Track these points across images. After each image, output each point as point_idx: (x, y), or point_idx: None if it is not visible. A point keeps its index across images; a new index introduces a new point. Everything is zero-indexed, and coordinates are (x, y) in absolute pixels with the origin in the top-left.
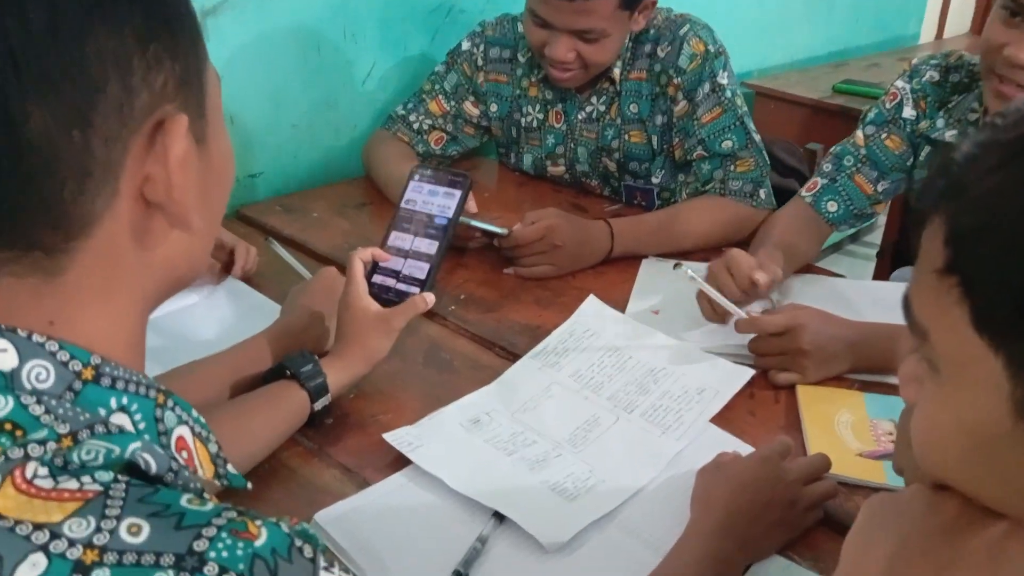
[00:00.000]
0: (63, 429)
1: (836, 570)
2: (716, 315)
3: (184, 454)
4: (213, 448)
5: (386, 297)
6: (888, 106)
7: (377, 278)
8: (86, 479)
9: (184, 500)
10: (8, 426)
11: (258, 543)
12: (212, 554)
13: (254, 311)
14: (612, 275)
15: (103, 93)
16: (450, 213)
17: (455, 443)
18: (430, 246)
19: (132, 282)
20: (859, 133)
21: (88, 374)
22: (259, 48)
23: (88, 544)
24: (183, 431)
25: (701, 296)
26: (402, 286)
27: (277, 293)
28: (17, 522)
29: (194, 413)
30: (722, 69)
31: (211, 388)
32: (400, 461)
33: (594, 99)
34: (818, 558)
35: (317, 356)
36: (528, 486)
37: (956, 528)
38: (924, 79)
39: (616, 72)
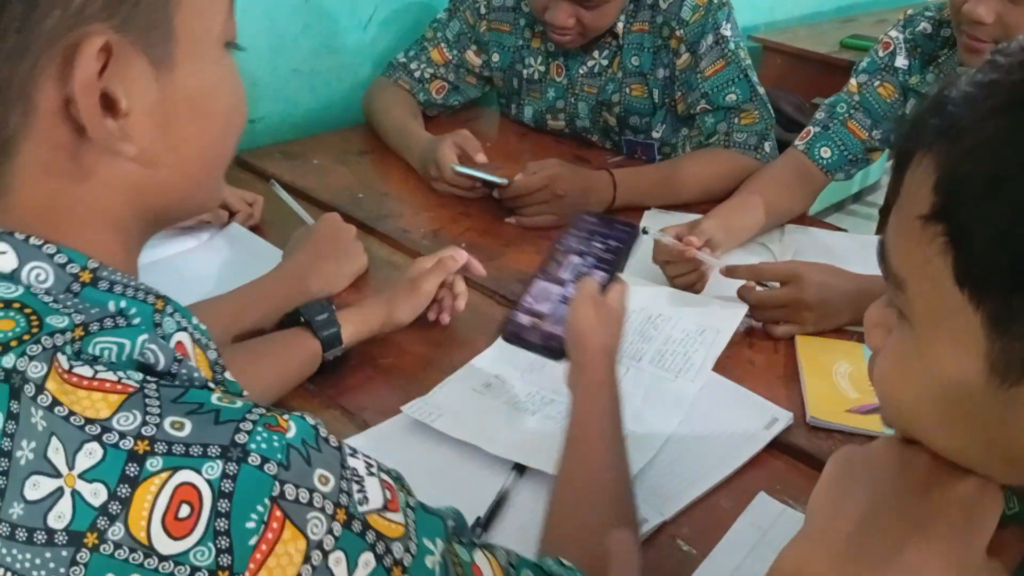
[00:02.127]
0: (78, 319)
1: (803, 526)
2: (682, 280)
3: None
4: (212, 355)
5: (530, 340)
6: (882, 54)
7: (523, 318)
8: (120, 373)
9: (215, 398)
10: (17, 305)
11: (289, 435)
12: (252, 446)
13: (256, 257)
14: None
15: (5, 10)
16: (612, 265)
17: (475, 407)
18: None
19: (90, 206)
20: (852, 81)
21: (86, 276)
22: None
23: (138, 436)
24: (182, 336)
25: (667, 264)
26: (548, 329)
27: (279, 239)
28: (71, 412)
29: (194, 320)
30: (725, 20)
31: (212, 330)
32: (396, 409)
33: (596, 53)
34: None
35: (332, 304)
36: (559, 442)
37: (928, 484)
38: (918, 29)
39: (619, 26)
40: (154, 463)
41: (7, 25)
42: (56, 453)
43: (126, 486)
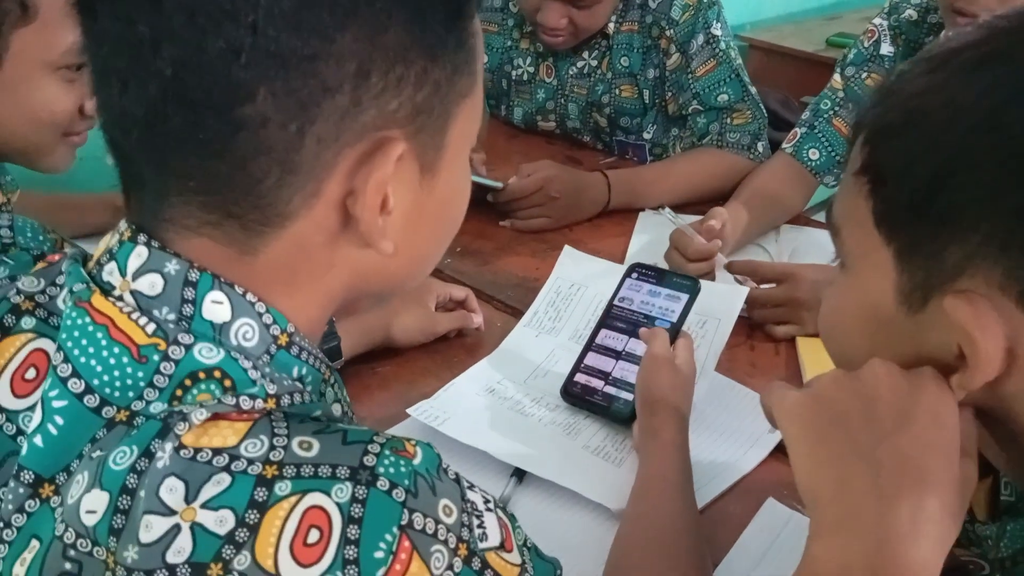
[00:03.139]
0: (271, 390)
1: (815, 516)
2: (682, 263)
3: None
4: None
5: (592, 400)
6: (867, 44)
7: (581, 377)
8: (243, 399)
9: (344, 420)
10: (218, 373)
11: (416, 461)
12: (381, 469)
13: None
14: (609, 227)
15: (331, 97)
16: (674, 318)
17: (480, 412)
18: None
19: (318, 279)
20: (836, 76)
21: (283, 340)
22: None
23: (266, 461)
24: (336, 408)
25: (672, 250)
26: (611, 389)
27: None
28: (196, 450)
29: (345, 393)
30: (716, 20)
31: None
32: (400, 415)
33: (586, 53)
34: None
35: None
36: (569, 452)
37: (893, 384)
38: (903, 16)
39: (610, 27)
40: (283, 487)
41: (329, 112)
42: (170, 493)
43: (255, 512)
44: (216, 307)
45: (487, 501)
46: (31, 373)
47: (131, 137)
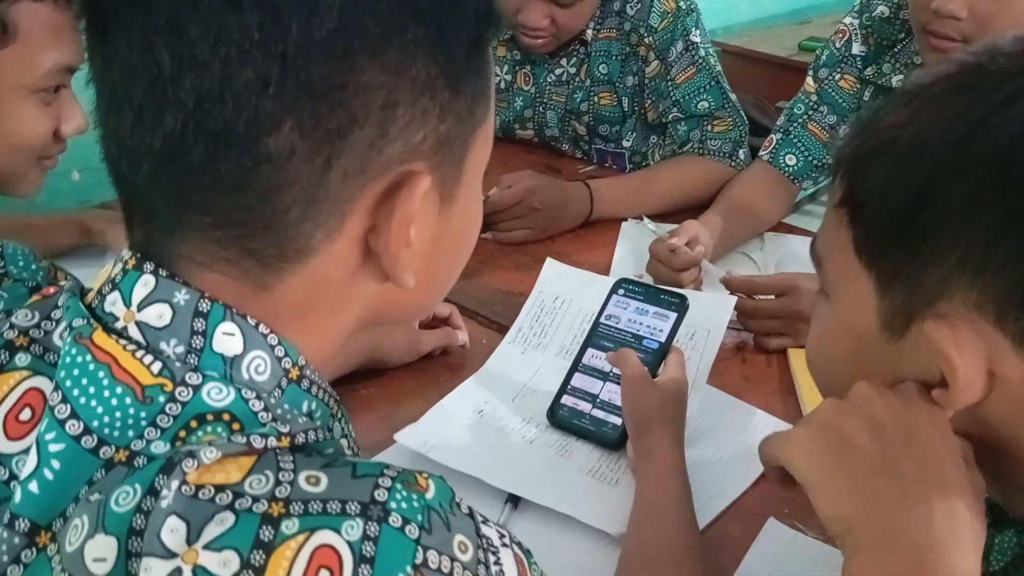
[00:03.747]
0: (283, 429)
1: (852, 541)
2: (667, 272)
3: None
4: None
5: (578, 423)
6: (838, 45)
7: (568, 400)
8: (254, 438)
9: (349, 454)
10: (226, 416)
11: (429, 495)
12: (392, 504)
13: None
14: (592, 238)
15: (359, 129)
16: (662, 337)
17: (469, 436)
18: None
19: (333, 312)
20: (809, 80)
21: (294, 374)
22: None
23: (272, 498)
24: (343, 443)
25: (653, 261)
26: (599, 412)
27: None
28: (198, 487)
29: (351, 428)
30: (695, 27)
31: None
32: (387, 440)
33: (564, 61)
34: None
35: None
36: (564, 474)
37: (887, 402)
38: (875, 14)
39: (588, 33)
40: (290, 525)
41: (356, 144)
42: (171, 534)
43: (260, 552)
44: (228, 339)
45: (502, 536)
46: (26, 414)
47: (141, 169)
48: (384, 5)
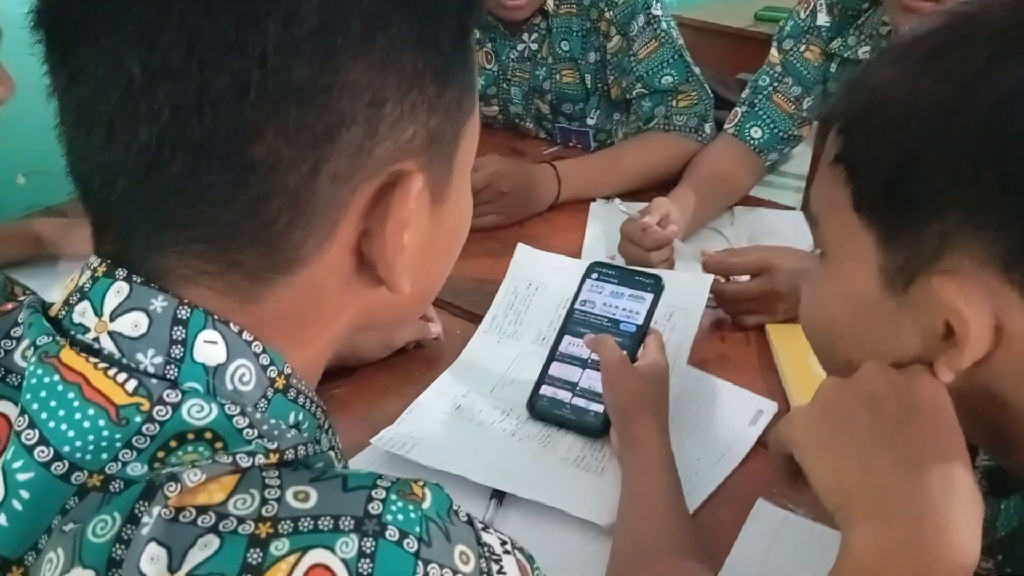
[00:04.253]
0: (271, 446)
1: (848, 516)
2: (638, 252)
3: None
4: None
5: (559, 413)
6: (803, 16)
7: (547, 390)
8: (241, 457)
9: (338, 465)
10: (208, 435)
11: (426, 505)
12: (388, 517)
13: None
14: (561, 220)
15: (346, 131)
16: (640, 320)
17: (447, 432)
18: None
19: (325, 322)
20: (773, 52)
21: (280, 383)
22: None
23: (258, 518)
24: (332, 455)
25: (624, 241)
26: (579, 401)
27: None
28: (178, 510)
29: (338, 439)
30: (655, 1)
31: None
32: (363, 442)
33: (526, 36)
34: (815, 505)
35: None
36: (548, 466)
37: (890, 380)
38: None
39: (550, 4)
40: (280, 546)
41: (344, 146)
42: (152, 563)
43: None
44: (210, 347)
45: (504, 543)
46: None
47: (116, 187)
48: (367, 0)
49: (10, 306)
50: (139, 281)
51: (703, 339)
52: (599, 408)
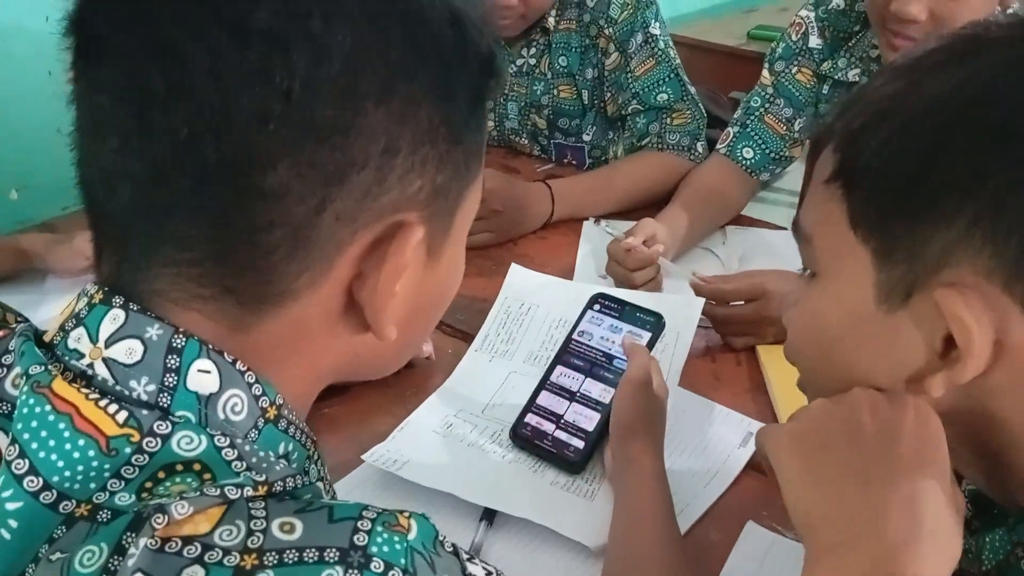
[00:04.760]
0: (259, 478)
1: (814, 541)
2: (624, 272)
3: None
4: None
5: (540, 444)
6: (795, 38)
7: (531, 418)
8: (229, 489)
9: (326, 496)
10: (197, 466)
11: (411, 536)
12: (374, 549)
13: None
14: (555, 239)
15: (356, 174)
16: None
17: (441, 452)
18: (604, 393)
19: (311, 358)
20: (765, 73)
21: (271, 413)
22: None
23: (244, 549)
24: (320, 486)
25: (611, 263)
26: (562, 434)
27: None
28: (164, 540)
29: (326, 470)
30: (654, 19)
31: None
32: (354, 460)
33: (525, 51)
34: None
35: None
36: (538, 488)
37: (875, 407)
38: (830, 7)
39: (551, 21)
40: None
41: (352, 188)
42: None
43: None
44: (203, 376)
45: (489, 574)
46: None
47: (120, 197)
48: (396, 50)
49: (1, 333)
50: (135, 309)
51: (694, 360)
52: (579, 444)
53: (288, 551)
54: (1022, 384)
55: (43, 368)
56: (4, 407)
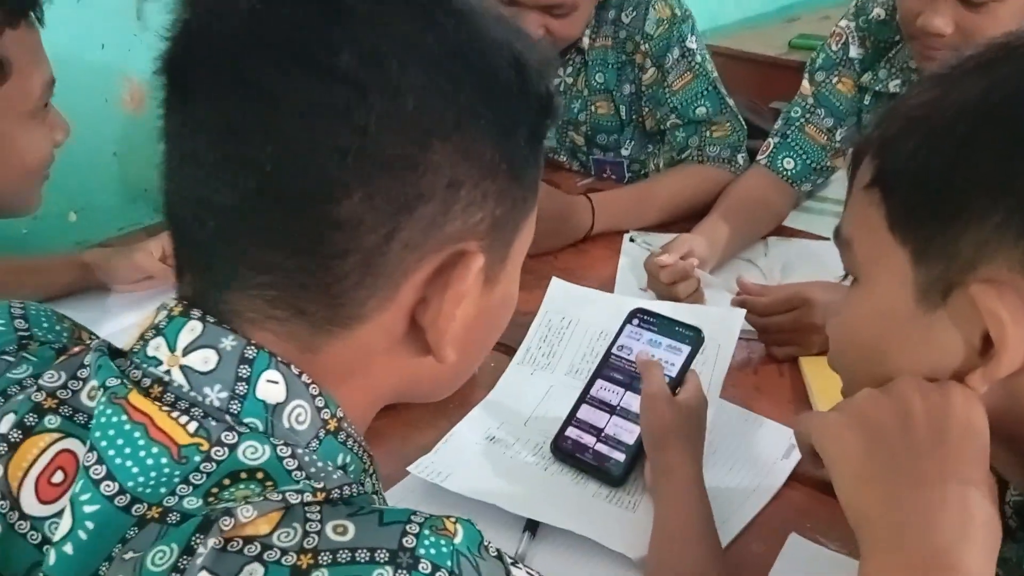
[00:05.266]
0: (318, 485)
1: (869, 539)
2: (663, 287)
3: None
4: None
5: (581, 457)
6: (835, 48)
7: (572, 432)
8: (290, 494)
9: (376, 501)
10: (260, 475)
11: (457, 540)
12: (421, 551)
13: None
14: (596, 252)
15: (424, 204)
16: (675, 371)
17: (484, 464)
18: None
19: (372, 379)
20: (805, 83)
21: (332, 425)
22: None
23: (300, 550)
24: (376, 500)
25: (650, 278)
26: (602, 448)
27: None
28: (227, 540)
29: (380, 483)
30: (690, 33)
31: None
32: (399, 472)
33: (561, 70)
34: (847, 540)
35: None
36: (580, 500)
37: (924, 397)
38: (871, 16)
39: (585, 42)
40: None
41: (419, 218)
42: None
43: None
44: (271, 387)
45: None
46: (58, 476)
47: (207, 226)
48: (464, 91)
49: (77, 349)
50: (212, 321)
51: (736, 371)
52: (620, 457)
53: (341, 551)
54: None
55: (120, 381)
56: (80, 417)
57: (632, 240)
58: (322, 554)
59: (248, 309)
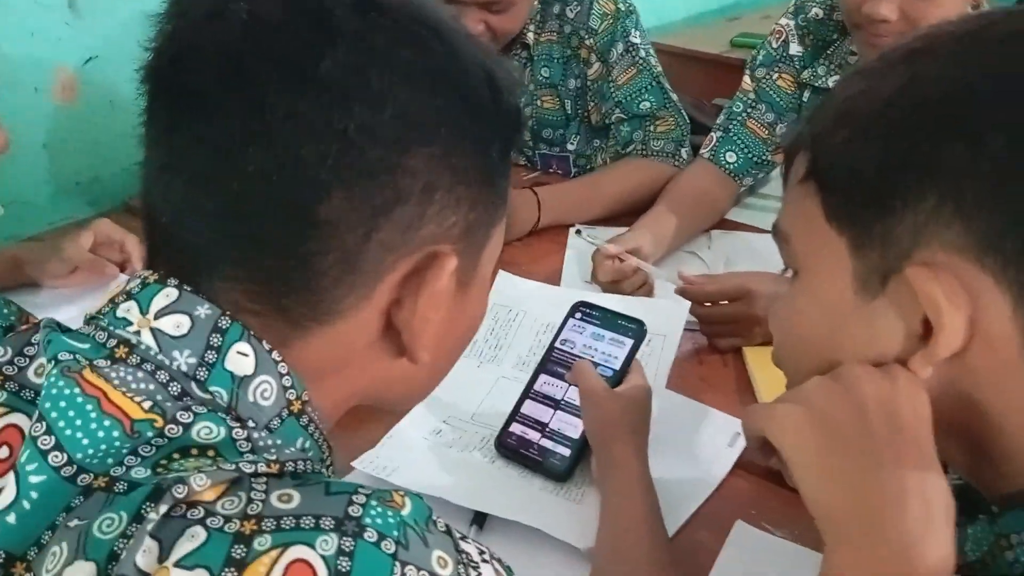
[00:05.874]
0: (271, 457)
1: (828, 528)
2: (608, 281)
3: None
4: None
5: (526, 453)
6: (775, 45)
7: (516, 428)
8: (244, 465)
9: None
10: (211, 452)
11: (404, 512)
12: (368, 520)
13: None
14: (542, 245)
15: (400, 207)
16: (617, 365)
17: (430, 458)
18: None
19: (345, 378)
20: (746, 79)
21: (296, 407)
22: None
23: (243, 516)
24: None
25: (597, 263)
26: (547, 443)
27: None
28: (171, 507)
29: (335, 477)
30: (634, 28)
31: None
32: (344, 468)
33: None
34: (793, 526)
35: None
36: (527, 492)
37: (874, 384)
38: (809, 15)
39: (530, 36)
40: (262, 541)
41: (396, 220)
42: (144, 555)
43: (232, 570)
44: (241, 359)
45: (482, 552)
46: (3, 452)
47: (189, 227)
48: (442, 99)
49: (24, 327)
50: (188, 290)
51: (682, 362)
52: (565, 452)
53: (285, 518)
54: (1001, 368)
55: (73, 356)
56: (27, 394)
57: (578, 233)
58: (266, 520)
59: (226, 303)
